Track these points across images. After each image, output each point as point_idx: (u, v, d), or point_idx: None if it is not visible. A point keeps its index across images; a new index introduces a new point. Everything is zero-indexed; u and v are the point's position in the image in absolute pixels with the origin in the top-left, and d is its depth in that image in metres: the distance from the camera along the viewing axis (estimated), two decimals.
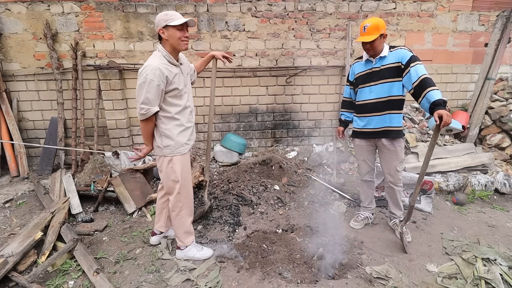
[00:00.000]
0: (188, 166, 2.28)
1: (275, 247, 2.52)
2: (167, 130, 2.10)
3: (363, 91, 2.57)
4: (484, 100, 4.00)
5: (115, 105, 4.00)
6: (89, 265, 2.23)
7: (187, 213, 2.32)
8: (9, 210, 3.13)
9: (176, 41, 1.99)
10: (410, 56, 2.30)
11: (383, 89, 2.45)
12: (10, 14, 3.75)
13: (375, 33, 2.30)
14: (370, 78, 2.51)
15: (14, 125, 3.89)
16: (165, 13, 1.98)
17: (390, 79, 2.41)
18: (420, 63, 2.27)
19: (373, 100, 2.51)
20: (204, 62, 2.54)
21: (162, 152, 2.14)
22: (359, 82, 2.59)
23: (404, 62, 2.32)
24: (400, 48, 2.40)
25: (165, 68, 1.97)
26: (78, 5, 3.79)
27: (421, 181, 2.33)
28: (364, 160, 2.75)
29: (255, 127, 4.44)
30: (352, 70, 2.68)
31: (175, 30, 1.96)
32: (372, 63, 2.48)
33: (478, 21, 4.33)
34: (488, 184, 3.42)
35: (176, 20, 1.95)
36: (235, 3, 3.97)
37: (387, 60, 2.41)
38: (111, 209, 3.21)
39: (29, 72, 3.94)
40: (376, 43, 2.35)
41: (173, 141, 2.12)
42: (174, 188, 2.21)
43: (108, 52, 3.98)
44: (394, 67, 2.38)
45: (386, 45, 2.44)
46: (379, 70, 2.45)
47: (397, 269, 2.28)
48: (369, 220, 2.89)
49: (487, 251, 2.44)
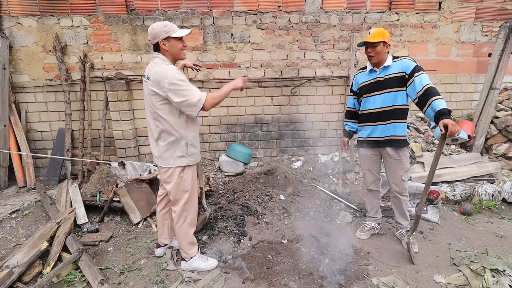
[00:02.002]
0: (195, 175, 2.30)
1: (280, 257, 2.49)
2: (193, 138, 2.12)
3: (367, 100, 2.58)
4: (489, 110, 3.99)
5: (122, 116, 4.06)
6: (94, 276, 2.22)
7: (190, 223, 2.31)
8: (15, 221, 3.15)
9: (177, 51, 2.06)
10: (414, 66, 2.32)
11: (387, 99, 2.46)
12: (21, 28, 3.86)
13: (379, 38, 2.35)
14: (374, 88, 2.52)
15: (22, 136, 3.96)
16: (164, 24, 2.00)
17: (394, 89, 2.43)
18: (424, 73, 2.28)
19: (377, 110, 2.52)
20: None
21: (186, 161, 2.12)
22: (363, 92, 2.60)
23: (408, 72, 2.33)
24: (404, 58, 2.42)
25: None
26: (87, 19, 3.90)
27: (427, 191, 2.31)
28: (370, 170, 2.74)
29: (260, 137, 4.46)
30: (356, 80, 2.70)
31: (176, 40, 2.03)
32: (376, 72, 2.51)
33: (481, 31, 4.37)
34: (495, 194, 3.38)
35: (177, 31, 2.01)
36: (240, 15, 4.05)
37: (391, 70, 2.43)
38: (117, 219, 3.21)
39: (38, 83, 4.03)
40: (378, 49, 2.39)
41: (197, 148, 2.16)
42: (182, 199, 2.21)
43: (116, 64, 4.06)
44: (398, 77, 2.40)
45: (389, 56, 2.48)
46: (383, 80, 2.47)
47: (404, 280, 2.24)
48: (375, 231, 2.86)
49: (496, 261, 2.39)
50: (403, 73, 2.37)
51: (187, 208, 2.25)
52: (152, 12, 3.98)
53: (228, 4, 4.03)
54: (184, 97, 1.93)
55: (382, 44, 2.38)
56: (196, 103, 1.94)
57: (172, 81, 1.92)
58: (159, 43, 2.02)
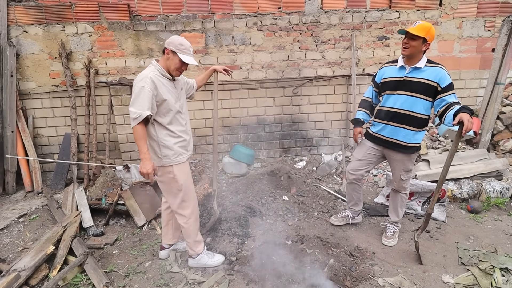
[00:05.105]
0: (189, 173, 2.30)
1: (284, 258, 2.48)
2: (165, 140, 2.13)
3: (389, 97, 2.46)
4: (495, 105, 3.92)
5: (126, 120, 4.10)
6: (99, 279, 2.24)
7: (194, 220, 2.33)
8: (23, 225, 3.20)
9: (173, 68, 2.10)
10: (450, 82, 2.23)
11: (407, 102, 2.36)
12: (27, 36, 3.94)
13: (422, 33, 2.19)
14: (400, 86, 2.40)
15: (30, 141, 4.03)
16: (180, 42, 2.06)
17: (417, 94, 2.32)
18: (455, 92, 2.24)
19: (394, 109, 2.43)
20: (206, 76, 2.62)
21: (161, 162, 2.16)
22: (386, 88, 2.49)
23: (443, 86, 2.23)
24: (439, 66, 2.29)
25: (156, 78, 2.04)
26: (91, 26, 3.96)
27: (439, 188, 2.25)
28: (360, 160, 2.67)
29: (263, 137, 4.47)
30: (381, 72, 2.55)
31: (178, 60, 2.07)
32: (405, 70, 2.38)
33: (483, 26, 4.31)
34: (503, 191, 3.31)
35: (186, 56, 2.06)
36: (241, 18, 4.08)
37: (423, 74, 2.30)
38: (122, 222, 3.24)
39: (45, 90, 4.10)
40: (415, 43, 2.24)
41: (172, 150, 2.15)
42: (177, 197, 2.23)
43: (120, 69, 4.11)
44: (428, 85, 2.28)
45: (424, 57, 2.34)
46: (411, 81, 2.34)
47: (411, 281, 2.21)
48: (349, 220, 2.92)
49: (505, 260, 2.34)
50: (435, 84, 2.25)
51: (185, 207, 2.26)
52: (154, 17, 4.03)
53: (228, 7, 4.06)
54: (132, 104, 1.97)
55: (422, 41, 2.23)
56: (131, 116, 1.95)
57: (136, 84, 2.00)
58: (165, 49, 2.09)
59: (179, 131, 2.20)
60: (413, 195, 3.20)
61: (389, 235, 2.71)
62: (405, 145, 2.43)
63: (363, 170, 2.69)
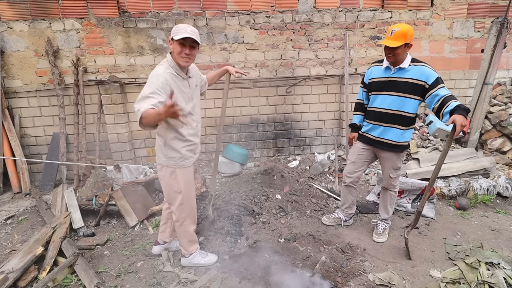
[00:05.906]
0: (192, 178, 2.28)
1: (277, 256, 2.50)
2: (172, 143, 2.07)
3: (376, 98, 2.51)
4: (483, 105, 4.01)
5: (117, 119, 4.04)
6: (90, 280, 2.21)
7: (190, 222, 2.32)
8: (10, 227, 3.12)
9: (176, 54, 1.97)
10: (436, 77, 2.23)
11: (395, 102, 2.39)
12: (12, 32, 3.83)
13: (401, 40, 2.21)
14: (385, 87, 2.43)
15: (16, 141, 3.93)
16: (176, 27, 1.96)
17: (405, 94, 2.34)
18: (444, 85, 2.22)
19: (382, 110, 2.47)
20: (217, 74, 2.53)
21: (166, 162, 2.12)
22: (372, 88, 2.53)
23: (430, 83, 2.23)
24: (424, 65, 2.30)
25: (170, 78, 1.93)
26: (79, 22, 3.88)
27: (431, 187, 2.30)
28: (354, 162, 2.72)
29: (256, 137, 4.46)
30: (369, 72, 2.59)
31: (177, 44, 1.94)
32: (391, 71, 2.41)
33: (473, 27, 4.39)
34: (490, 188, 3.40)
35: (179, 34, 1.91)
36: (233, 16, 4.05)
37: (408, 73, 2.32)
38: (113, 222, 3.20)
39: (31, 88, 4.00)
40: (399, 51, 2.25)
41: (179, 153, 2.10)
42: (176, 199, 2.20)
43: (109, 67, 4.04)
44: (415, 84, 2.29)
45: (408, 56, 2.35)
46: (396, 81, 2.37)
47: (400, 276, 2.26)
48: (341, 222, 2.94)
49: (491, 255, 2.41)
50: (423, 83, 2.26)
51: (184, 210, 2.24)
52: (145, 14, 3.97)
53: (221, 4, 4.03)
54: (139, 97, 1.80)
55: (403, 46, 2.23)
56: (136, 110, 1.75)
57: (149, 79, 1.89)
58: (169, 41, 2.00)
59: (189, 134, 2.11)
60: (403, 193, 3.25)
61: (380, 232, 2.76)
62: (394, 144, 2.48)
63: (359, 172, 2.74)
